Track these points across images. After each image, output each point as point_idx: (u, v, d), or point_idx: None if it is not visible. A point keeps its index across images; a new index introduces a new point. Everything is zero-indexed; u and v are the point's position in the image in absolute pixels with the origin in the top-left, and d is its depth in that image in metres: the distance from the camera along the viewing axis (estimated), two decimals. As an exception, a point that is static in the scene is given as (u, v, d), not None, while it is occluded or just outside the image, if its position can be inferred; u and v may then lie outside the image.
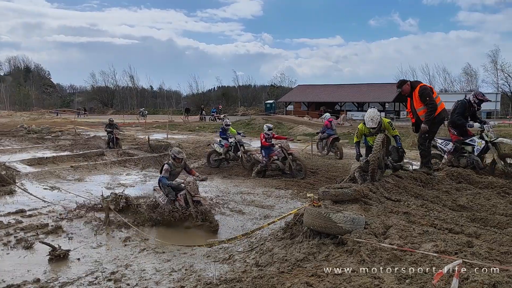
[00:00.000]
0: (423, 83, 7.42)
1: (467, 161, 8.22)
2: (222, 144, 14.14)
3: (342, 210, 4.42)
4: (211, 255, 5.29)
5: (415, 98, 7.27)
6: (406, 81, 7.53)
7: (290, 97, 54.68)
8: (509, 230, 4.42)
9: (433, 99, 7.11)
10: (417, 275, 3.17)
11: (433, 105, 7.08)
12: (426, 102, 7.08)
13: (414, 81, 7.56)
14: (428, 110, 7.10)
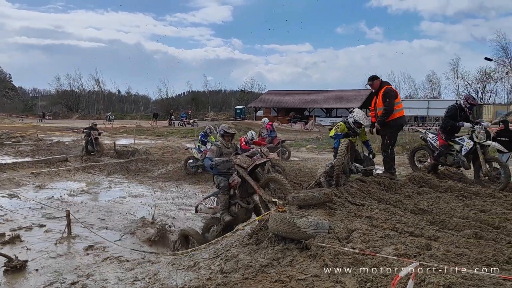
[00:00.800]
0: (391, 86, 7.60)
1: (453, 159, 8.20)
2: (201, 150, 13.98)
3: (307, 215, 4.45)
4: (176, 263, 5.20)
5: (379, 96, 7.45)
6: (378, 77, 7.68)
7: (260, 102, 54.96)
8: (465, 232, 4.58)
9: (392, 103, 7.27)
10: (377, 278, 3.22)
11: (389, 108, 7.24)
12: (385, 104, 7.26)
13: (385, 81, 7.71)
14: (383, 112, 7.28)
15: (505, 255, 3.68)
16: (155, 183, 12.49)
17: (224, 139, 6.71)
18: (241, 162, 5.91)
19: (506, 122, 11.97)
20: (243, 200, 6.08)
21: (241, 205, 6.01)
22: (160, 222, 7.63)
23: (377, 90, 7.57)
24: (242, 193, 6.08)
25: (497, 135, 11.49)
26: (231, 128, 6.74)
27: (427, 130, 8.82)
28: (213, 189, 11.53)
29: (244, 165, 5.86)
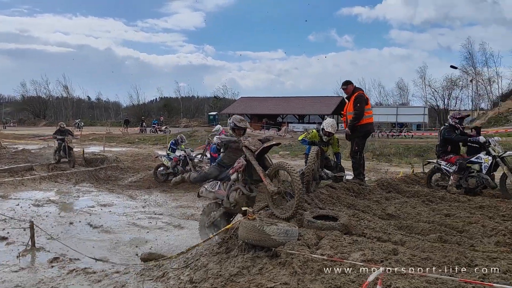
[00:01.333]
0: (363, 92, 7.75)
1: (476, 181, 7.85)
2: (170, 157, 13.82)
3: (277, 222, 4.46)
4: (145, 273, 5.10)
5: (351, 101, 7.57)
6: (352, 83, 7.82)
7: (233, 109, 54.94)
8: (430, 236, 4.70)
9: (362, 108, 7.42)
10: (345, 284, 3.26)
11: (359, 113, 7.39)
12: (355, 108, 7.41)
13: (358, 87, 7.85)
14: (353, 116, 7.43)
15: (467, 258, 3.79)
16: (125, 191, 12.25)
17: (235, 132, 6.10)
18: (250, 144, 5.34)
19: (478, 130, 12.48)
20: (246, 187, 5.44)
21: (242, 191, 5.38)
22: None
23: (349, 95, 7.71)
24: (245, 178, 5.45)
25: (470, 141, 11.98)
26: (242, 121, 6.07)
27: (438, 160, 8.61)
28: (185, 196, 11.48)
29: (252, 147, 5.30)
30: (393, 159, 20.77)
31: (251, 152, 5.27)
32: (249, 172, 5.38)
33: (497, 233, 4.79)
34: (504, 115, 37.61)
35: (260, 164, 5.27)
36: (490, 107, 46.30)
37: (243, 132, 6.11)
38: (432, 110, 54.15)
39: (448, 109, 53.28)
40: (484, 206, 6.45)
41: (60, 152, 15.54)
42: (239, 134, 6.05)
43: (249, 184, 5.46)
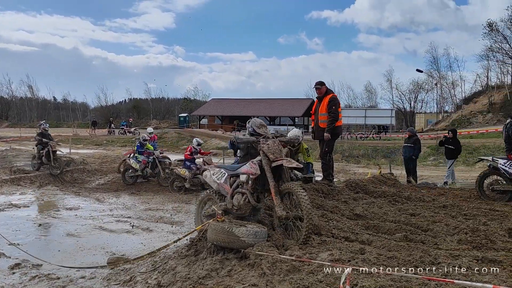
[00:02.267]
0: (335, 95, 7.85)
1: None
2: (139, 160, 13.54)
3: (246, 224, 4.46)
4: (112, 278, 4.99)
5: (323, 103, 7.62)
6: (325, 83, 7.88)
7: (204, 110, 54.66)
8: (396, 235, 4.81)
9: (338, 111, 7.55)
10: (313, 284, 3.28)
11: (335, 115, 7.49)
12: (331, 111, 7.47)
13: (330, 89, 7.92)
14: (330, 119, 7.48)
15: (431, 256, 3.90)
16: (92, 194, 11.95)
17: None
18: (268, 150, 4.68)
19: (455, 132, 12.99)
20: (254, 195, 4.84)
21: (249, 199, 4.80)
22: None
23: (321, 96, 7.75)
24: (255, 186, 4.84)
25: (445, 143, 12.48)
26: (262, 126, 5.37)
27: (494, 157, 7.89)
28: (154, 199, 11.31)
29: (270, 155, 4.65)
30: (362, 160, 21.19)
31: (268, 161, 4.66)
32: (261, 181, 4.80)
33: (459, 232, 4.95)
34: (467, 117, 39.07)
35: (276, 174, 4.70)
36: (454, 110, 48.00)
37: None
38: (399, 113, 55.60)
39: (414, 112, 54.83)
40: (447, 205, 6.66)
41: (42, 159, 14.04)
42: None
43: (258, 192, 4.89)
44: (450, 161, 12.51)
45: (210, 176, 5.45)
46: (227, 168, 5.40)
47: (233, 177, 5.11)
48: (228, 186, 5.11)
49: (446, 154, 12.70)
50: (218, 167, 5.56)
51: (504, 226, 5.19)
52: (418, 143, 12.29)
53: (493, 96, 40.82)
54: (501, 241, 4.63)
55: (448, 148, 12.45)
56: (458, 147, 12.47)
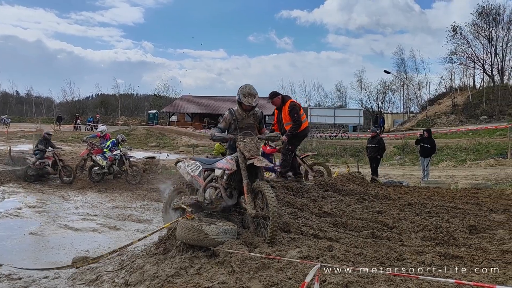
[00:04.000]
0: (292, 100, 7.73)
1: None
2: (105, 156, 13.18)
3: (216, 222, 4.44)
4: (77, 277, 4.85)
5: (284, 112, 7.54)
6: (277, 93, 7.71)
7: (174, 107, 53.98)
8: (364, 232, 4.92)
9: (300, 116, 7.46)
10: (282, 281, 3.31)
11: (299, 122, 7.41)
12: (294, 119, 7.40)
13: (285, 96, 7.82)
14: (293, 126, 7.40)
15: (396, 252, 4.01)
16: (57, 192, 11.58)
17: (241, 106, 4.98)
18: (245, 148, 4.62)
19: (429, 131, 13.45)
20: (227, 190, 4.76)
21: (221, 193, 4.72)
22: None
23: (280, 106, 7.62)
24: (230, 182, 4.78)
25: (421, 141, 12.92)
26: (250, 95, 4.90)
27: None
28: (122, 197, 11.07)
29: (246, 153, 4.61)
30: (331, 159, 21.51)
31: (244, 158, 4.63)
32: (236, 177, 4.77)
33: (423, 229, 5.12)
34: (432, 118, 40.35)
35: (251, 172, 4.69)
36: (419, 111, 49.45)
37: (253, 108, 5.02)
38: (367, 113, 56.78)
39: (381, 112, 56.10)
40: (412, 203, 6.87)
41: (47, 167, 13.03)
42: (248, 108, 5.00)
43: (231, 188, 4.83)
44: (426, 159, 13.00)
45: (184, 167, 5.36)
46: (203, 161, 5.33)
47: (207, 171, 5.06)
48: (202, 179, 5.06)
49: (422, 152, 13.16)
50: (193, 160, 5.47)
51: (465, 223, 5.40)
52: (382, 142, 12.66)
53: (456, 98, 42.36)
54: (462, 238, 4.83)
55: (423, 146, 12.93)
56: (433, 146, 13.00)
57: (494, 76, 44.99)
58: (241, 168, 4.63)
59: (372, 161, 12.63)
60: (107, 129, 16.85)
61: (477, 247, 4.41)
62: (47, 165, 13.15)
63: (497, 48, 44.05)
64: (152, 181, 13.73)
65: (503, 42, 43.80)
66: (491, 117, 36.39)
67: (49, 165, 13.14)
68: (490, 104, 38.17)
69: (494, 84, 43.20)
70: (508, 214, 6.18)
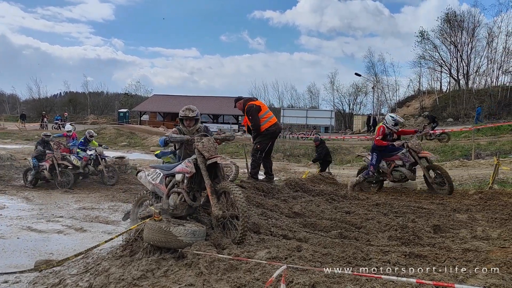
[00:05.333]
0: (252, 102, 7.67)
1: None
2: (80, 156, 12.71)
3: (184, 223, 4.39)
4: (39, 281, 4.68)
5: (246, 115, 7.62)
6: (240, 98, 7.80)
7: (145, 106, 53.19)
8: (332, 233, 4.97)
9: (256, 118, 7.41)
10: (250, 282, 3.30)
11: (254, 124, 7.41)
12: (249, 120, 7.47)
13: (247, 99, 7.83)
14: (252, 129, 7.49)
15: (363, 252, 4.07)
16: (20, 192, 11.18)
17: (184, 123, 5.28)
18: (203, 148, 4.61)
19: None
20: (190, 194, 4.76)
21: (184, 198, 4.71)
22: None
23: (243, 110, 7.70)
24: (191, 185, 4.78)
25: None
26: (187, 109, 5.23)
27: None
28: (89, 197, 10.80)
29: (205, 153, 4.59)
30: (302, 159, 21.70)
31: (203, 159, 4.62)
32: (197, 179, 4.77)
33: (390, 228, 5.23)
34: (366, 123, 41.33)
35: (211, 172, 4.70)
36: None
37: (195, 122, 5.27)
38: (339, 114, 57.61)
39: (353, 113, 57.05)
40: (380, 203, 7.00)
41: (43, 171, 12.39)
42: (190, 125, 5.26)
43: (194, 191, 4.83)
44: None
45: (145, 177, 5.33)
46: (162, 168, 5.29)
47: (168, 177, 5.03)
48: (164, 186, 5.02)
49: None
50: (153, 167, 5.43)
51: (430, 223, 5.55)
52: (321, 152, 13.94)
53: (424, 100, 43.63)
54: (427, 237, 4.95)
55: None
56: None
57: (460, 80, 46.56)
58: (201, 169, 4.61)
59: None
60: (75, 128, 16.39)
61: (440, 246, 4.53)
62: (44, 169, 12.36)
63: (463, 53, 45.63)
64: (121, 181, 13.48)
65: (468, 47, 45.41)
66: (456, 120, 37.69)
67: (46, 169, 12.33)
68: (456, 107, 39.55)
69: (460, 88, 44.74)
70: (470, 214, 6.39)
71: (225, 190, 4.54)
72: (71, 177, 12.30)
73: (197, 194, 4.85)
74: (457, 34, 45.53)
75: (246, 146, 15.64)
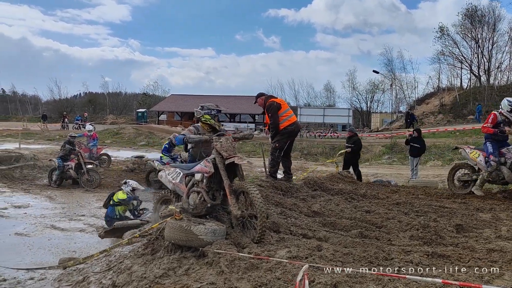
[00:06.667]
0: (272, 99, 7.68)
1: None
2: (163, 162, 12.20)
3: (204, 222, 4.41)
4: (63, 279, 4.79)
5: (266, 112, 7.60)
6: (262, 94, 7.80)
7: (163, 106, 53.67)
8: (352, 232, 4.93)
9: (275, 116, 7.39)
10: (271, 281, 3.30)
11: (272, 122, 7.39)
12: (269, 118, 7.43)
13: (268, 96, 7.85)
14: (270, 127, 7.46)
15: (385, 252, 4.02)
16: (43, 191, 11.44)
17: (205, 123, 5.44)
18: (222, 148, 4.64)
19: (419, 131, 13.55)
20: (209, 193, 4.80)
21: (204, 197, 4.75)
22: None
23: (264, 107, 7.68)
24: (210, 184, 4.81)
25: (411, 141, 13.00)
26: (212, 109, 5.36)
27: None
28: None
29: (224, 153, 4.61)
30: (320, 158, 21.58)
31: (222, 159, 4.63)
32: (216, 179, 4.78)
33: (411, 228, 5.16)
34: (419, 118, 40.67)
35: (230, 172, 4.70)
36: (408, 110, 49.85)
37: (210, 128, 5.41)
38: (356, 112, 57.05)
39: (370, 112, 56.44)
40: (400, 202, 6.91)
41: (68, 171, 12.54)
42: (206, 129, 5.42)
43: (213, 190, 4.85)
44: (416, 159, 13.13)
45: (165, 176, 5.39)
46: (182, 167, 5.34)
47: (188, 176, 5.07)
48: (184, 186, 5.07)
49: (412, 152, 13.25)
50: (173, 167, 5.49)
51: (452, 222, 5.45)
52: (358, 143, 12.60)
53: (444, 98, 42.81)
54: (450, 237, 4.87)
55: (413, 146, 13.04)
56: (423, 145, 13.12)
57: (481, 77, 45.50)
58: (219, 169, 4.61)
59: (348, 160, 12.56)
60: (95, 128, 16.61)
61: (464, 246, 4.45)
62: (70, 169, 12.55)
63: (484, 49, 44.59)
64: (140, 180, 13.63)
65: (489, 43, 44.35)
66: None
67: (71, 168, 12.54)
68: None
69: (481, 84, 43.73)
70: (494, 213, 6.25)
71: (243, 189, 4.53)
72: (97, 177, 12.46)
73: (217, 193, 4.86)
74: (478, 29, 44.53)
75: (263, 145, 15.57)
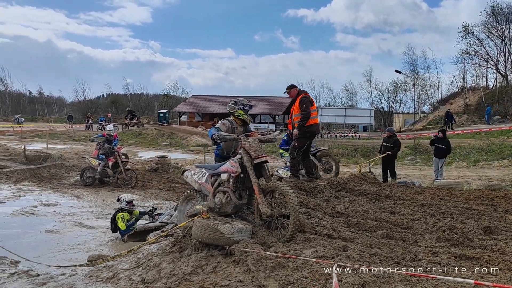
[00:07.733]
0: (307, 94, 7.90)
1: None
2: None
3: (231, 221, 4.48)
4: (94, 275, 4.93)
5: (296, 103, 7.73)
6: (295, 86, 8.01)
7: (184, 107, 54.20)
8: (377, 233, 4.92)
9: (309, 109, 7.58)
10: (298, 280, 3.33)
11: (306, 113, 7.54)
12: (302, 109, 7.56)
13: (302, 90, 8.02)
14: (301, 117, 7.55)
15: (411, 253, 4.00)
16: (71, 190, 11.74)
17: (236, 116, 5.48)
18: (250, 148, 4.66)
19: (444, 132, 13.38)
20: (236, 193, 4.83)
21: (231, 197, 4.79)
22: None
23: (294, 98, 7.88)
24: (237, 184, 4.84)
25: (436, 142, 12.83)
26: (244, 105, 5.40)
27: None
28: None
29: (252, 152, 4.64)
30: (342, 159, 21.43)
31: (250, 158, 4.65)
32: (242, 178, 4.82)
33: (437, 229, 5.10)
34: (443, 118, 39.94)
35: (256, 172, 4.70)
36: (431, 111, 48.96)
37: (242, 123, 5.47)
38: (378, 112, 56.38)
39: (392, 112, 55.69)
40: (425, 204, 6.84)
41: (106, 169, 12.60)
42: (239, 124, 5.46)
43: (239, 190, 4.89)
44: (441, 160, 12.92)
45: (191, 176, 5.46)
46: (208, 167, 5.41)
47: (214, 176, 5.14)
48: (210, 185, 5.13)
49: (437, 153, 13.05)
50: (198, 167, 5.55)
51: (480, 224, 5.37)
52: (398, 144, 12.42)
53: (469, 97, 41.88)
54: (477, 239, 4.80)
55: (439, 147, 12.84)
56: (448, 146, 12.90)
57: (507, 76, 44.30)
58: (248, 168, 4.64)
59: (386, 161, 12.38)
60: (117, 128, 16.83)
61: (493, 248, 4.39)
62: (107, 167, 12.64)
63: (511, 47, 43.42)
64: (163, 180, 13.86)
65: (516, 41, 43.13)
66: (504, 117, 35.89)
67: (109, 167, 12.64)
68: (504, 104, 37.67)
69: (508, 84, 42.58)
70: (524, 216, 6.12)
71: (274, 189, 4.55)
72: (134, 176, 12.68)
73: (243, 192, 4.91)
74: (504, 27, 43.39)
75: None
